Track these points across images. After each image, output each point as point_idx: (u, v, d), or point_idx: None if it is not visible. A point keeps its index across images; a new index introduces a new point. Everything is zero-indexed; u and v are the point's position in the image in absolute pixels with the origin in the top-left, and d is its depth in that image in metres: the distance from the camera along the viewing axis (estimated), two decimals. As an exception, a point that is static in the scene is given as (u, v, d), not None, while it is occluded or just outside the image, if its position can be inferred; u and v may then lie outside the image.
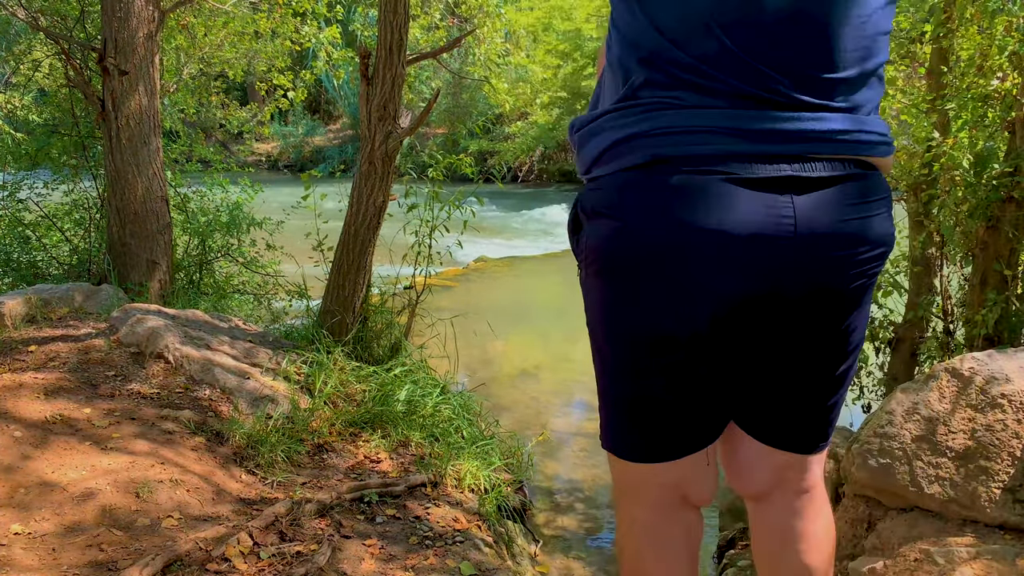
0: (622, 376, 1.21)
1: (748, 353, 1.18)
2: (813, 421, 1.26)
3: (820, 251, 1.10)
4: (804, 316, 1.14)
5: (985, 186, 2.88)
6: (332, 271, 3.94)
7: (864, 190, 1.13)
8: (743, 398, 1.24)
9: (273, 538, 2.26)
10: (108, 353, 3.27)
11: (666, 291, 1.11)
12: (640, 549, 1.29)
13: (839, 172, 1.10)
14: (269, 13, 6.33)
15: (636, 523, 1.29)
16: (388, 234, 4.06)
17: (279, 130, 19.67)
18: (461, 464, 3.01)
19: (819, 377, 1.22)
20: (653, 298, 1.13)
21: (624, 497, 1.30)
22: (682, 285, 1.10)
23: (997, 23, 2.98)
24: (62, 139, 5.33)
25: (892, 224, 1.20)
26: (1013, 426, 2.04)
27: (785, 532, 1.30)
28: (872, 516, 2.26)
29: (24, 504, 2.20)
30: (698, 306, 1.11)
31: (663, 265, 1.10)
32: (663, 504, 1.27)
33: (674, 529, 1.28)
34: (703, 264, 1.09)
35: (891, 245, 1.19)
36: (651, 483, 1.26)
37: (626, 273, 1.13)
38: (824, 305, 1.14)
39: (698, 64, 1.08)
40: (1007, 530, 2.00)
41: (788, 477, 1.29)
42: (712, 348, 1.15)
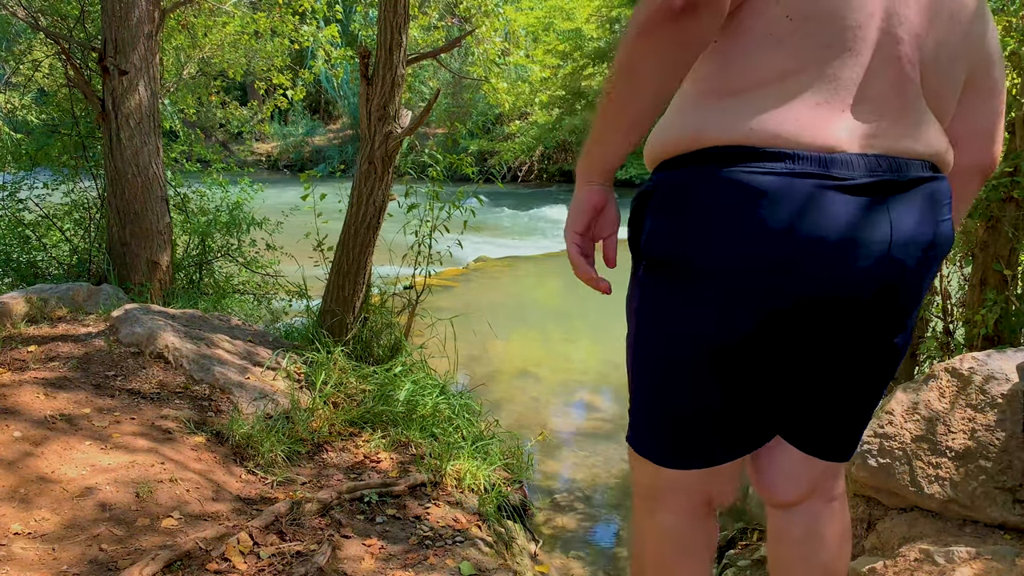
0: (679, 384, 1.15)
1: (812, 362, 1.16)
2: (855, 429, 1.26)
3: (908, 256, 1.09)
4: (876, 322, 1.13)
5: (985, 186, 2.88)
6: (332, 271, 3.94)
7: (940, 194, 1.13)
8: (796, 407, 1.22)
9: (273, 537, 2.26)
10: (108, 352, 3.27)
11: (744, 298, 1.07)
12: (667, 557, 1.27)
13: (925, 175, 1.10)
14: (269, 12, 6.34)
15: (665, 530, 1.26)
16: (388, 234, 4.06)
17: (279, 130, 19.68)
18: (461, 464, 3.01)
19: (871, 384, 1.22)
20: (730, 305, 1.07)
21: (653, 502, 1.27)
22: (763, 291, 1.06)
23: (997, 23, 2.99)
24: (62, 139, 5.33)
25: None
26: (1013, 426, 2.04)
27: (813, 538, 1.30)
28: (872, 516, 2.26)
29: (24, 503, 2.20)
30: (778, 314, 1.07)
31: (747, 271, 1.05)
32: (692, 510, 1.25)
33: (700, 535, 1.27)
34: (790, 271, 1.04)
35: (950, 248, 1.18)
36: (685, 489, 1.24)
37: (702, 277, 1.07)
38: (894, 310, 1.14)
39: None
40: (1007, 530, 2.00)
41: (823, 486, 1.30)
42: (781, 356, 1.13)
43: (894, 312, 1.14)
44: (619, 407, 4.90)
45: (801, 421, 1.24)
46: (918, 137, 1.10)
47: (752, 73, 1.05)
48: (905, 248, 1.08)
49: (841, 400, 1.21)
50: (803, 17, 1.02)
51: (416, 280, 4.26)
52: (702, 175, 1.06)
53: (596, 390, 5.26)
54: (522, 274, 8.91)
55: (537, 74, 10.92)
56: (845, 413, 1.23)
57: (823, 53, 1.03)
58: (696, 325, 1.10)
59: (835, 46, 1.03)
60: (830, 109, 1.04)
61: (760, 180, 1.02)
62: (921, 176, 1.09)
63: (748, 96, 1.05)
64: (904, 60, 1.07)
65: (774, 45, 1.03)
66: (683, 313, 1.11)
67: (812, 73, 1.03)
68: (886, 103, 1.07)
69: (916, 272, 1.12)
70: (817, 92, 1.03)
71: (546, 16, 16.50)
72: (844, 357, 1.16)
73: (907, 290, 1.13)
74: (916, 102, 1.10)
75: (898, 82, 1.07)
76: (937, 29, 1.10)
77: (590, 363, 5.85)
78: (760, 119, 1.03)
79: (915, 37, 1.07)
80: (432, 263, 4.25)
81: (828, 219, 1.02)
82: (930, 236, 1.11)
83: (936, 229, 1.12)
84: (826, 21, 1.02)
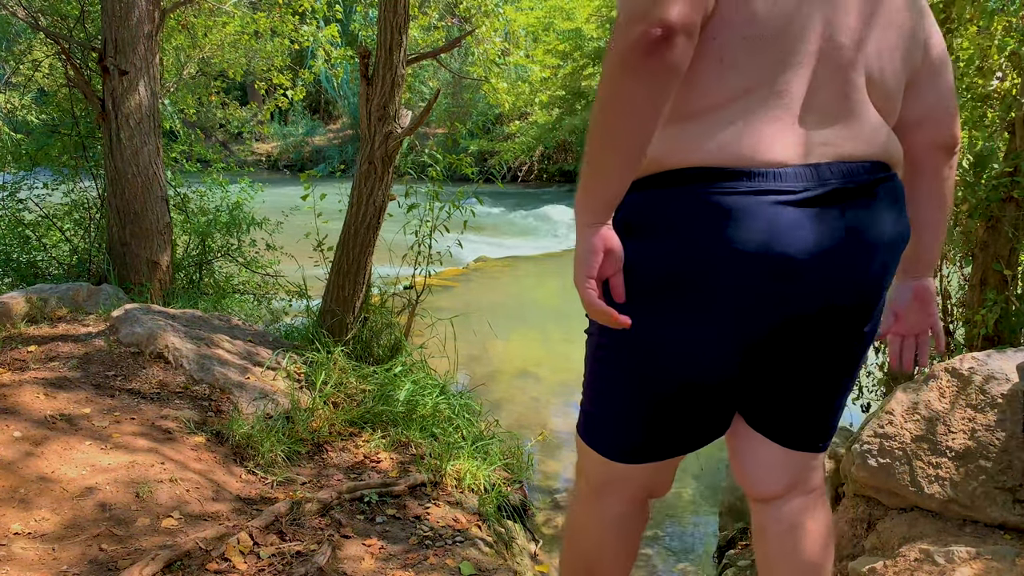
0: (644, 392, 1.21)
1: (783, 365, 1.21)
2: (829, 419, 1.32)
3: (866, 258, 1.14)
4: (842, 322, 1.18)
5: (985, 186, 2.88)
6: (332, 271, 3.94)
7: (893, 192, 1.18)
8: (768, 403, 1.28)
9: (273, 537, 2.26)
10: (108, 352, 3.27)
11: (717, 311, 1.11)
12: (609, 540, 1.37)
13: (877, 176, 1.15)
14: (269, 12, 6.34)
15: (611, 516, 1.36)
16: (388, 234, 4.05)
17: (279, 130, 19.67)
18: (461, 463, 3.01)
19: (840, 377, 1.26)
20: (701, 321, 1.12)
21: (600, 492, 1.35)
22: (735, 306, 1.11)
23: (996, 23, 2.98)
24: (62, 139, 5.33)
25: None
26: (1013, 426, 2.04)
27: (796, 530, 1.34)
28: (872, 516, 2.26)
29: (24, 503, 2.19)
30: (748, 327, 1.13)
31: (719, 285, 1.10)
32: (635, 499, 1.36)
33: (638, 520, 1.39)
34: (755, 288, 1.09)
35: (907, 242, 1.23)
36: (631, 481, 1.32)
37: (668, 293, 1.12)
38: (858, 308, 1.18)
39: None
40: (1007, 530, 2.00)
41: (802, 477, 1.34)
42: (751, 364, 1.18)
43: (859, 310, 1.18)
44: (619, 407, 4.89)
45: (775, 416, 1.30)
46: (867, 139, 1.15)
47: (708, 95, 1.09)
48: (863, 250, 1.13)
49: (812, 394, 1.26)
50: (752, 39, 1.07)
51: (416, 280, 4.26)
52: (666, 197, 1.11)
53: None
54: (522, 274, 8.91)
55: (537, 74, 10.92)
56: (816, 406, 1.28)
57: (772, 70, 1.08)
58: (666, 339, 1.15)
59: (783, 62, 1.08)
60: (782, 124, 1.09)
61: (723, 200, 1.07)
62: (873, 178, 1.14)
63: (705, 118, 1.09)
64: (848, 66, 1.12)
65: (726, 67, 1.08)
66: (653, 328, 1.15)
67: (764, 90, 1.08)
68: (834, 110, 1.12)
69: (876, 271, 1.16)
70: (770, 108, 1.08)
71: (546, 16, 16.48)
72: (813, 356, 1.21)
73: (869, 289, 1.17)
74: (863, 105, 1.15)
75: (844, 88, 1.12)
76: (875, 29, 1.14)
77: (590, 363, 5.84)
78: (719, 139, 1.08)
79: (856, 42, 1.12)
80: (432, 263, 4.25)
81: (787, 234, 1.07)
82: (886, 234, 1.16)
83: (892, 227, 1.17)
84: (772, 41, 1.07)
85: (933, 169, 1.32)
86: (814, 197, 1.08)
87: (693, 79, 1.08)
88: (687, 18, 0.99)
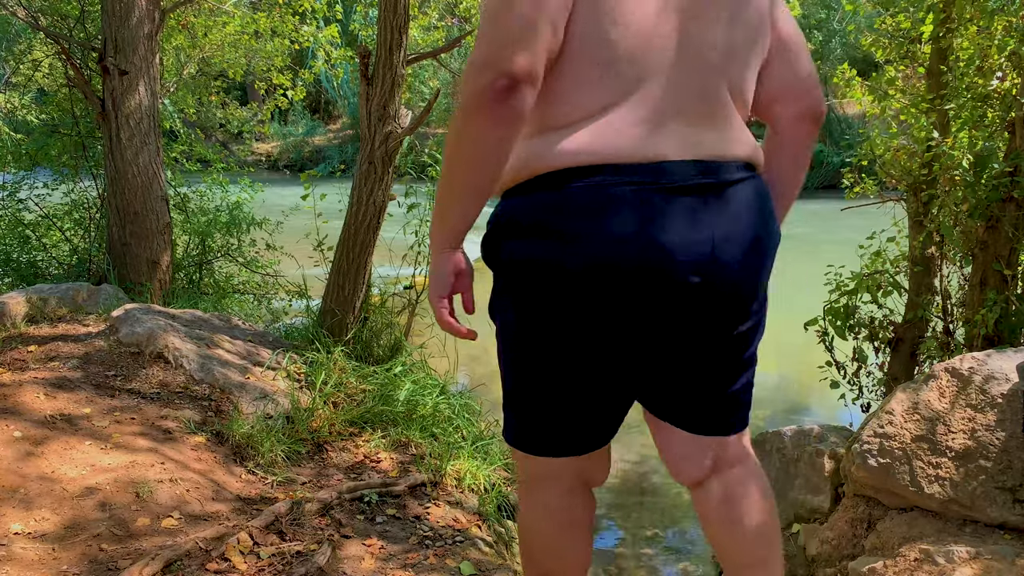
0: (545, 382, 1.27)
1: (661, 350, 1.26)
2: (727, 406, 1.37)
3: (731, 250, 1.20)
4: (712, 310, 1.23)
5: (985, 186, 2.88)
6: (332, 271, 3.94)
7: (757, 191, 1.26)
8: (661, 391, 1.34)
9: (273, 537, 2.26)
10: (108, 352, 3.27)
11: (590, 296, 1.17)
12: (551, 532, 1.42)
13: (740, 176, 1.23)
14: (269, 12, 6.33)
15: (551, 508, 1.41)
16: (388, 234, 4.05)
17: (279, 130, 19.66)
18: (461, 463, 3.01)
19: (722, 367, 1.32)
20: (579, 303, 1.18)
21: (536, 486, 1.41)
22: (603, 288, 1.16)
23: (996, 23, 2.98)
24: (62, 139, 5.33)
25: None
26: (1013, 426, 2.04)
27: (731, 504, 1.39)
28: (872, 516, 2.26)
29: (24, 503, 2.20)
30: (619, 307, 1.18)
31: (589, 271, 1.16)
32: (570, 490, 1.40)
33: (578, 510, 1.43)
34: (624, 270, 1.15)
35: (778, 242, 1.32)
36: (561, 473, 1.38)
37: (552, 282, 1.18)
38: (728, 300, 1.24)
39: None
40: (1007, 530, 2.00)
41: (722, 456, 1.39)
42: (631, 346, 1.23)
43: (730, 302, 1.23)
44: (619, 407, 4.89)
45: (671, 403, 1.36)
46: (729, 140, 1.23)
47: (572, 112, 1.18)
48: (727, 242, 1.19)
49: (699, 379, 1.32)
50: (611, 60, 1.16)
51: (416, 280, 4.26)
52: (539, 197, 1.19)
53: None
54: (522, 274, 8.89)
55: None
56: (707, 391, 1.33)
57: (634, 84, 1.17)
58: (551, 325, 1.21)
59: (643, 75, 1.17)
60: (646, 127, 1.17)
61: (576, 192, 1.15)
62: (736, 177, 1.22)
63: (571, 128, 1.18)
64: (706, 70, 1.21)
65: (588, 88, 1.17)
66: (541, 316, 1.21)
67: (627, 103, 1.17)
68: (700, 115, 1.20)
69: (743, 265, 1.21)
70: (633, 115, 1.17)
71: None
72: (690, 344, 1.26)
73: (737, 281, 1.22)
74: (728, 110, 1.24)
75: (709, 96, 1.21)
76: (733, 37, 1.23)
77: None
78: (581, 144, 1.16)
79: (711, 47, 1.21)
80: (432, 263, 4.24)
81: (650, 220, 1.14)
82: (752, 231, 1.22)
83: (757, 224, 1.24)
84: (630, 60, 1.16)
85: (794, 140, 1.39)
86: (684, 187, 1.16)
87: (559, 97, 1.18)
88: (531, 68, 1.09)
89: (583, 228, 1.15)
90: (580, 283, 1.16)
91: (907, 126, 3.52)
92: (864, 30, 4.56)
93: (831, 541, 2.33)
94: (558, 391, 1.27)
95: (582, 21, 1.15)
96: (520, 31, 1.09)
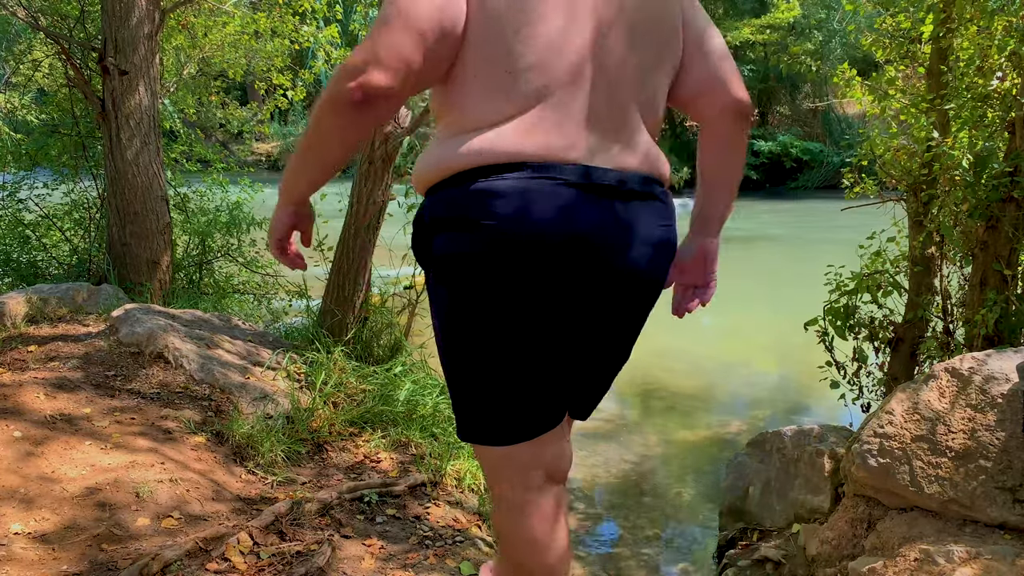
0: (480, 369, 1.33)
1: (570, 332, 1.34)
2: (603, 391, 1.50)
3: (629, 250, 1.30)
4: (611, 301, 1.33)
5: (985, 186, 2.88)
6: (332, 271, 3.94)
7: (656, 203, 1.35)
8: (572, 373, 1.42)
9: (273, 538, 2.26)
10: (108, 353, 3.27)
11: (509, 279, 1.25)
12: (516, 524, 1.46)
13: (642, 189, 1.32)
14: (269, 12, 6.33)
15: (509, 502, 1.45)
16: (388, 234, 4.06)
17: (279, 130, 19.67)
18: (461, 463, 3.01)
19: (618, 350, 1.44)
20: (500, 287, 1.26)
21: (499, 480, 1.45)
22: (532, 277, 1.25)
23: (996, 23, 2.98)
24: (62, 139, 5.33)
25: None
26: (1013, 426, 2.04)
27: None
28: (872, 516, 2.26)
29: (24, 503, 2.20)
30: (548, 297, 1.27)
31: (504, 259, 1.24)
32: (530, 482, 1.44)
33: (543, 502, 1.45)
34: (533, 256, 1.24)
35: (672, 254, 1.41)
36: (520, 464, 1.42)
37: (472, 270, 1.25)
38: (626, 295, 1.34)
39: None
40: (1007, 530, 2.00)
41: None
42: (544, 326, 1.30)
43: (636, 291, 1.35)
44: (619, 407, 4.90)
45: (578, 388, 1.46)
46: (637, 154, 1.32)
47: (485, 117, 1.26)
48: (624, 243, 1.28)
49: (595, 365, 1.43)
50: (520, 70, 1.24)
51: (416, 280, 4.26)
52: (453, 193, 1.28)
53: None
54: (522, 274, 8.90)
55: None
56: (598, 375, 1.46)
57: (543, 92, 1.25)
58: (483, 311, 1.28)
59: (552, 85, 1.25)
60: (561, 132, 1.25)
61: (498, 185, 1.23)
62: (638, 190, 1.30)
63: (484, 131, 1.26)
64: (615, 84, 1.28)
65: (501, 95, 1.25)
66: (468, 304, 1.29)
67: (537, 110, 1.25)
68: (602, 123, 1.28)
69: (644, 264, 1.32)
70: (542, 122, 1.25)
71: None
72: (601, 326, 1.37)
73: (645, 275, 1.33)
74: (634, 122, 1.32)
75: (611, 104, 1.29)
76: (637, 50, 1.30)
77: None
78: (495, 145, 1.24)
79: (622, 62, 1.29)
80: (432, 263, 4.24)
81: (561, 211, 1.23)
82: (654, 236, 1.33)
83: (659, 231, 1.34)
84: (540, 69, 1.24)
85: (723, 134, 1.44)
86: (589, 185, 1.25)
87: (472, 102, 1.27)
88: (389, 86, 1.18)
89: (499, 219, 1.23)
90: (496, 269, 1.24)
91: (907, 126, 3.52)
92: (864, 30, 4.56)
93: (831, 541, 2.33)
94: (499, 374, 1.33)
95: (483, 36, 1.24)
96: (387, 52, 1.18)
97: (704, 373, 5.59)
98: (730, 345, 6.52)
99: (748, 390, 5.31)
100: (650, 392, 5.16)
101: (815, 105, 22.20)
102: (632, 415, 4.77)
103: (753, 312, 7.52)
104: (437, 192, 1.32)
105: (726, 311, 7.70)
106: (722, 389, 5.31)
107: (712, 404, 5.00)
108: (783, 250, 11.65)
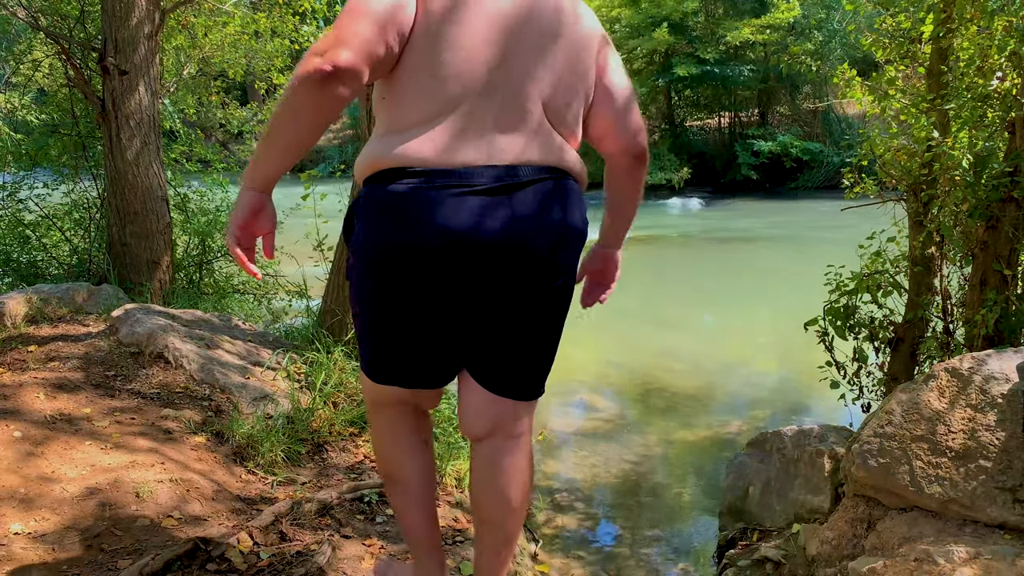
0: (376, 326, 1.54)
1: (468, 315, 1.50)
2: (525, 372, 1.61)
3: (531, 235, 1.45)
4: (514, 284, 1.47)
5: (985, 186, 2.88)
6: (332, 271, 3.94)
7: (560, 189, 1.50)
8: (473, 350, 1.57)
9: (273, 538, 2.26)
10: (108, 353, 3.27)
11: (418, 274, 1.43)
12: (387, 443, 1.73)
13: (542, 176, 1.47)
14: (269, 12, 6.34)
15: (383, 424, 1.71)
16: (388, 234, 4.04)
17: (279, 130, 19.63)
18: (461, 463, 3.01)
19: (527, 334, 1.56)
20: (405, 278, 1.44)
21: (374, 406, 1.71)
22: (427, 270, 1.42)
23: (997, 23, 2.98)
24: (62, 139, 5.33)
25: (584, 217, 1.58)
26: (1013, 426, 2.04)
27: (494, 467, 1.64)
28: (872, 516, 2.26)
29: (24, 503, 2.20)
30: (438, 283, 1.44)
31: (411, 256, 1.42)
32: (403, 412, 1.70)
33: (410, 427, 1.72)
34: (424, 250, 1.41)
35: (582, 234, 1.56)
36: (395, 398, 1.66)
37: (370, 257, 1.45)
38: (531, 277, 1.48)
39: None
40: (1007, 530, 2.00)
41: (504, 423, 1.63)
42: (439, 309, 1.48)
43: (532, 279, 1.48)
44: (619, 407, 4.90)
45: (480, 362, 1.59)
46: (539, 150, 1.47)
47: (410, 117, 1.43)
48: (528, 228, 1.44)
49: (504, 345, 1.56)
50: (443, 77, 1.41)
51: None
52: (375, 189, 1.46)
53: (596, 390, 5.26)
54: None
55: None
56: (509, 357, 1.57)
57: (458, 98, 1.42)
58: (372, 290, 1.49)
59: (467, 93, 1.42)
60: (470, 135, 1.42)
61: (401, 189, 1.41)
62: (537, 177, 1.46)
63: (407, 132, 1.43)
64: (524, 97, 1.46)
65: (423, 97, 1.42)
66: (366, 283, 1.50)
67: (453, 114, 1.42)
68: (514, 126, 1.45)
69: (544, 247, 1.46)
70: (456, 125, 1.42)
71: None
72: (495, 313, 1.50)
73: (538, 260, 1.46)
74: (539, 123, 1.48)
75: (521, 110, 1.46)
76: (545, 69, 1.48)
77: (590, 363, 5.85)
78: (410, 147, 1.42)
79: (534, 80, 1.47)
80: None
81: (456, 211, 1.39)
82: (555, 221, 1.47)
83: (561, 216, 1.48)
84: (457, 77, 1.41)
85: (622, 170, 1.69)
86: (487, 188, 1.40)
87: (400, 104, 1.44)
88: (352, 65, 1.32)
89: (400, 217, 1.41)
90: (398, 260, 1.42)
91: (907, 126, 3.51)
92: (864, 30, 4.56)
93: (831, 541, 2.33)
94: (382, 334, 1.53)
95: (422, 41, 1.40)
96: (352, 36, 1.33)
97: (704, 373, 5.59)
98: (730, 345, 6.52)
99: (748, 390, 5.31)
100: (650, 392, 5.16)
101: (815, 105, 22.19)
102: (632, 415, 4.77)
103: (753, 312, 7.52)
104: (365, 186, 1.49)
105: (726, 311, 7.70)
106: (722, 389, 5.31)
107: (712, 404, 5.00)
108: (783, 250, 11.64)
